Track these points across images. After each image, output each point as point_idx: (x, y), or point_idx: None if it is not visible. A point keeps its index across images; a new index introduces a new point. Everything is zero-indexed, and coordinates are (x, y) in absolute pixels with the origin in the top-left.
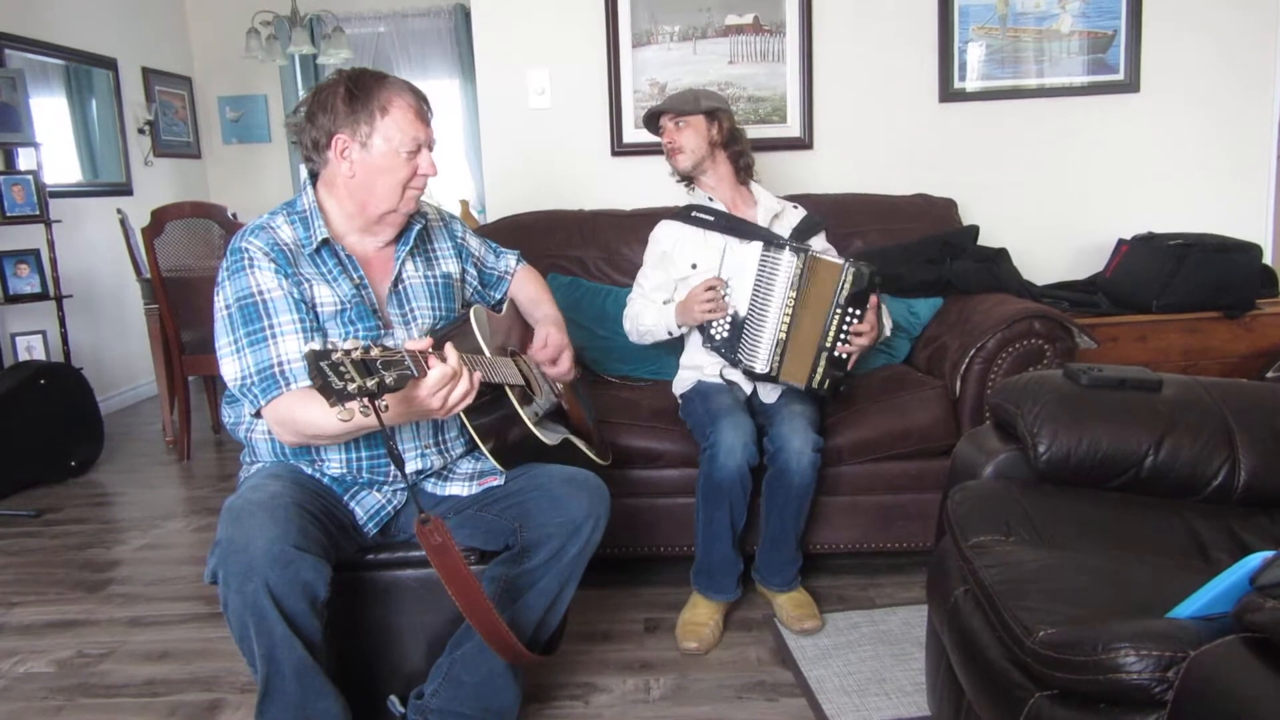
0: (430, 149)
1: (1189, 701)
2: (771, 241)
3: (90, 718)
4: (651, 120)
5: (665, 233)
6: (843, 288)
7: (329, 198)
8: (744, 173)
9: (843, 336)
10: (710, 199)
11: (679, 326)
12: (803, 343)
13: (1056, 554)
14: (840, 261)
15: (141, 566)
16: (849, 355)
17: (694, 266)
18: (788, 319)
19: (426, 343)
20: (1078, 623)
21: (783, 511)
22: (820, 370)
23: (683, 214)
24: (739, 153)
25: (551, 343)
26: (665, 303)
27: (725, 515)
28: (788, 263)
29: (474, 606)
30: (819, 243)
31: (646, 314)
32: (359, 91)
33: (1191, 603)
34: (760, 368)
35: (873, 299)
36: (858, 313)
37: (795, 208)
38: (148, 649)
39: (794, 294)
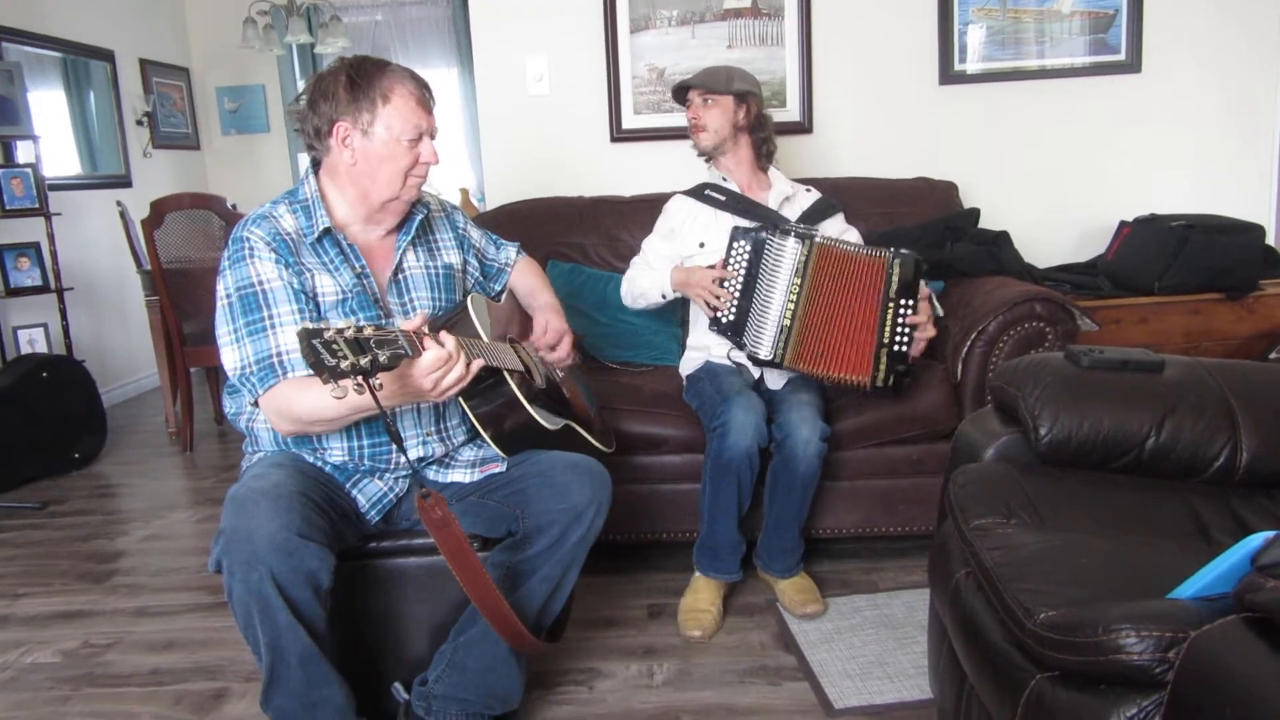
0: (433, 137)
1: (1190, 682)
2: (776, 226)
3: (96, 707)
4: (680, 92)
5: (676, 208)
6: (892, 280)
7: (331, 186)
8: (765, 159)
9: (901, 329)
10: (725, 179)
11: (674, 292)
12: (824, 332)
13: (1058, 536)
14: (882, 255)
15: (146, 557)
16: (909, 348)
17: (702, 245)
18: (792, 305)
19: (419, 320)
20: (1079, 604)
21: (787, 499)
22: (884, 367)
23: (696, 192)
24: (763, 139)
25: (551, 328)
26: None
27: (733, 494)
28: (791, 249)
29: (474, 582)
30: (836, 225)
31: (643, 277)
32: (361, 79)
33: (1192, 583)
34: (764, 354)
35: (922, 287)
36: (911, 303)
37: (808, 191)
38: (153, 639)
39: (799, 280)
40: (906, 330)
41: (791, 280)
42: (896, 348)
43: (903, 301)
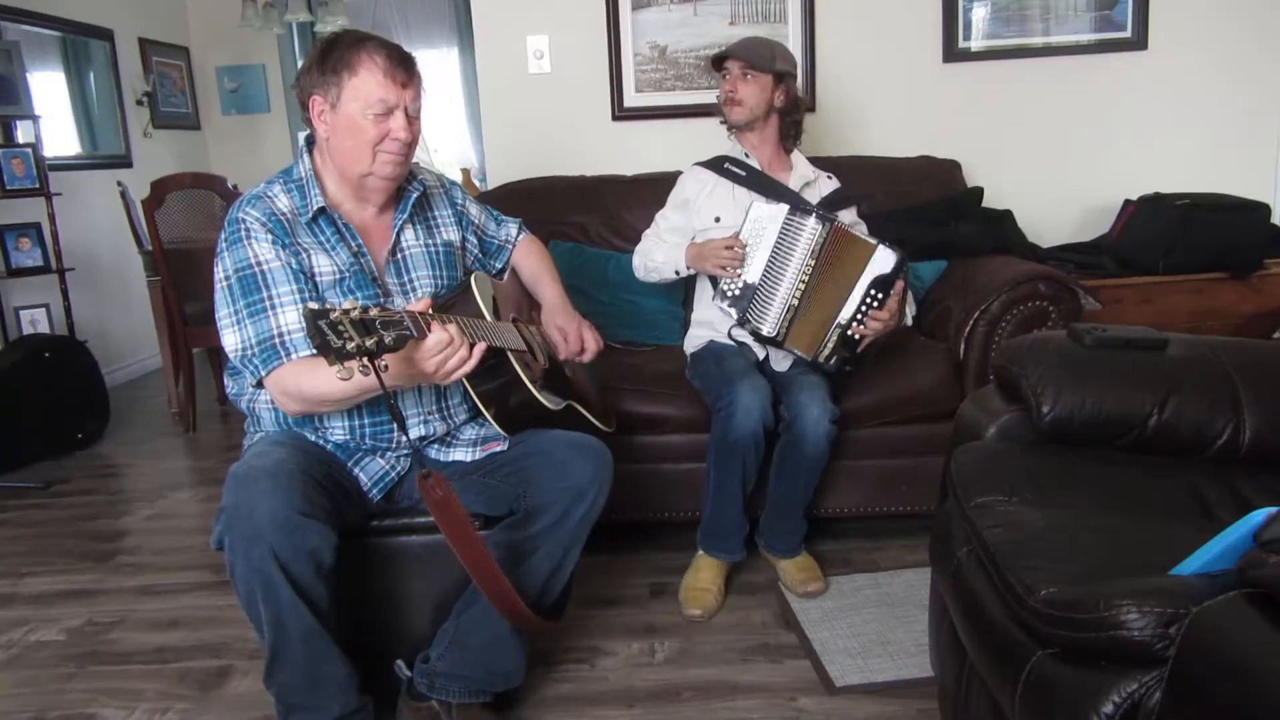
0: (408, 112)
1: (1191, 657)
2: (798, 206)
3: (101, 685)
4: (718, 61)
5: (693, 179)
6: (870, 268)
7: (323, 163)
8: (790, 140)
9: (860, 318)
10: (747, 155)
11: (687, 268)
12: (816, 313)
13: (1059, 514)
14: (872, 241)
15: (149, 536)
16: (863, 338)
17: (717, 220)
18: (803, 285)
19: (425, 304)
20: (1080, 581)
21: (793, 479)
22: (830, 346)
23: (715, 164)
24: (794, 122)
25: (570, 334)
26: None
27: (738, 476)
28: (811, 229)
29: (476, 561)
30: (848, 216)
31: (657, 251)
32: (331, 52)
33: (1194, 560)
34: (767, 330)
35: (898, 285)
36: (880, 296)
37: (830, 178)
38: (157, 617)
39: (812, 262)
40: (865, 321)
41: (806, 261)
42: (850, 333)
43: (873, 292)
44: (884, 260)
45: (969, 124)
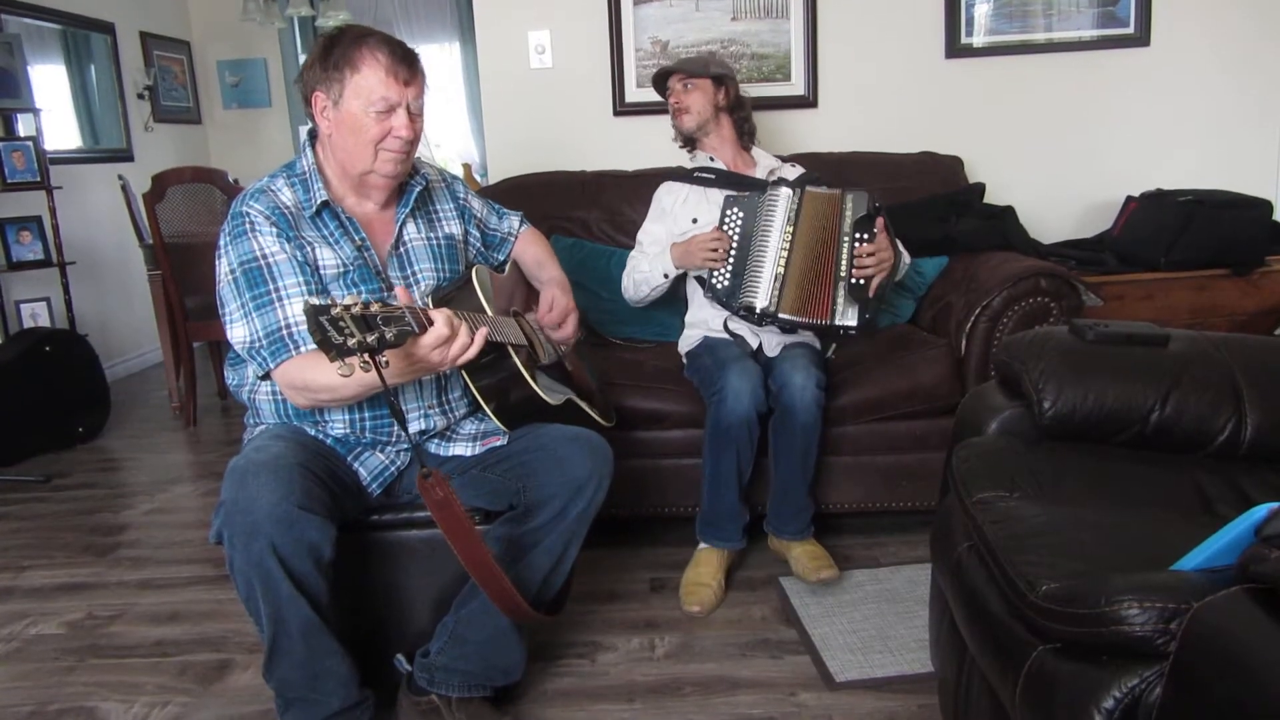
0: (410, 109)
1: (1192, 652)
2: (767, 186)
3: (101, 678)
4: (660, 80)
5: (667, 192)
6: (845, 215)
7: (325, 158)
8: (746, 138)
9: (856, 262)
10: (711, 159)
11: (675, 268)
12: (806, 276)
13: (1060, 509)
14: (836, 191)
15: (149, 530)
16: (867, 280)
17: (694, 221)
18: (785, 252)
19: (404, 292)
20: (1081, 576)
21: (790, 453)
22: (841, 302)
23: (685, 175)
24: (743, 119)
25: (558, 306)
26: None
27: (733, 461)
28: (784, 197)
29: (476, 561)
30: None
31: (643, 261)
32: (334, 48)
33: (1196, 555)
34: (760, 303)
35: (879, 221)
36: (865, 236)
37: (794, 166)
38: (157, 610)
39: (790, 228)
40: (863, 263)
41: (784, 229)
42: (854, 280)
43: (857, 235)
44: (856, 203)
45: (971, 120)
